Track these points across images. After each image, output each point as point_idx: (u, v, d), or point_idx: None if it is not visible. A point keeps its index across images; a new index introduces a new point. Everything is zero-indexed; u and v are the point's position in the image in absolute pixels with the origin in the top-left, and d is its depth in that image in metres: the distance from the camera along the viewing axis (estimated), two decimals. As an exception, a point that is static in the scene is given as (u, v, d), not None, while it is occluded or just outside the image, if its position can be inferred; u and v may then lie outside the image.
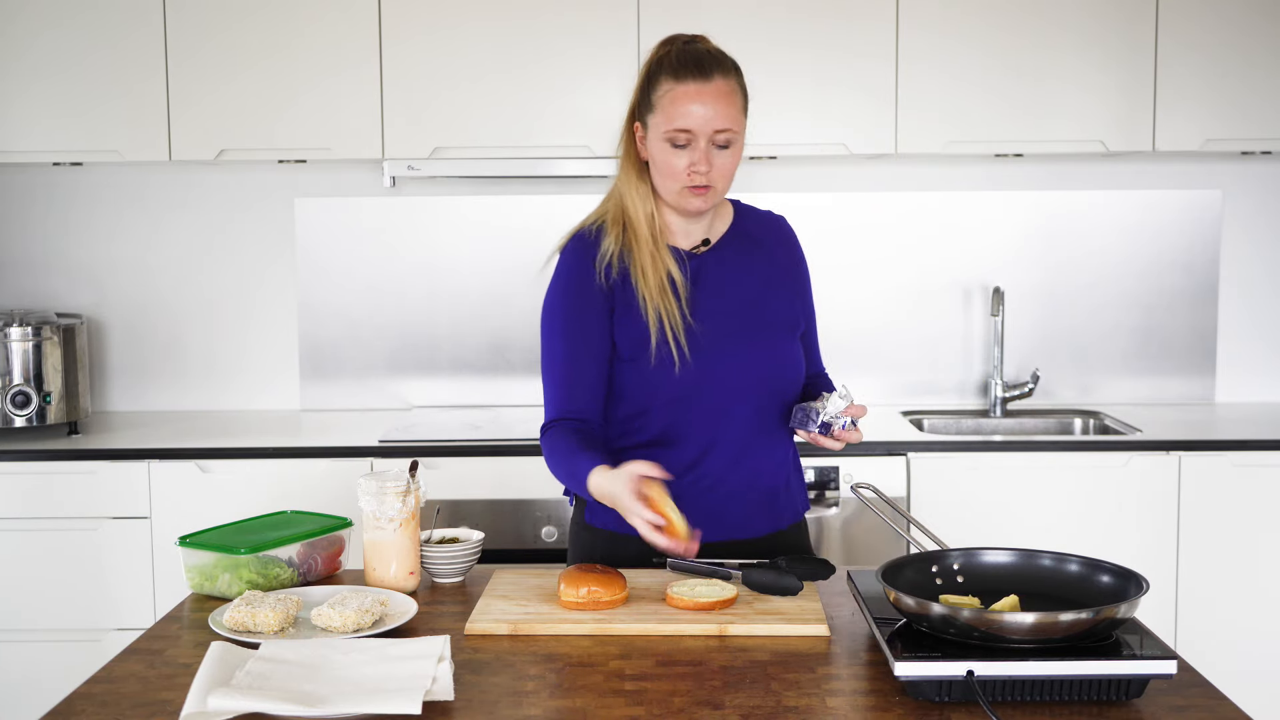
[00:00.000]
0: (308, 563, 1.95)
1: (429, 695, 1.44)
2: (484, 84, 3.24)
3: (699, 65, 1.95)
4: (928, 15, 3.23)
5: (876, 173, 3.60)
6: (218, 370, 3.65)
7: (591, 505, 2.05)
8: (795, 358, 2.08)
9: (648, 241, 1.99)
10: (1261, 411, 3.49)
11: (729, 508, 2.03)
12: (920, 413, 3.53)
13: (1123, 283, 3.60)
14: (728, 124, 1.94)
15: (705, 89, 1.93)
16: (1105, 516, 3.07)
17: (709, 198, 1.98)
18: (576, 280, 2.02)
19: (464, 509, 2.99)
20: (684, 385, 1.98)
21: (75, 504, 3.06)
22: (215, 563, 1.88)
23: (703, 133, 1.93)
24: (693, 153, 1.94)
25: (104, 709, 1.47)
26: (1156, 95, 3.25)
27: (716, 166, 1.96)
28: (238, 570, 1.86)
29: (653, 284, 1.97)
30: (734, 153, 1.98)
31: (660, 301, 1.97)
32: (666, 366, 1.96)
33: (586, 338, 2.00)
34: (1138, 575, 1.56)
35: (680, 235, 2.06)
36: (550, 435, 2.00)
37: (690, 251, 2.05)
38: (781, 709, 1.45)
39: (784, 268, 2.11)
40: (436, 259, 3.60)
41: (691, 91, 1.93)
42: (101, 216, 3.61)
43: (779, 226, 2.16)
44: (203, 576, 1.89)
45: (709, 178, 1.95)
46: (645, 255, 1.99)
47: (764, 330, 2.04)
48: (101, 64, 3.24)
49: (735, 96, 1.97)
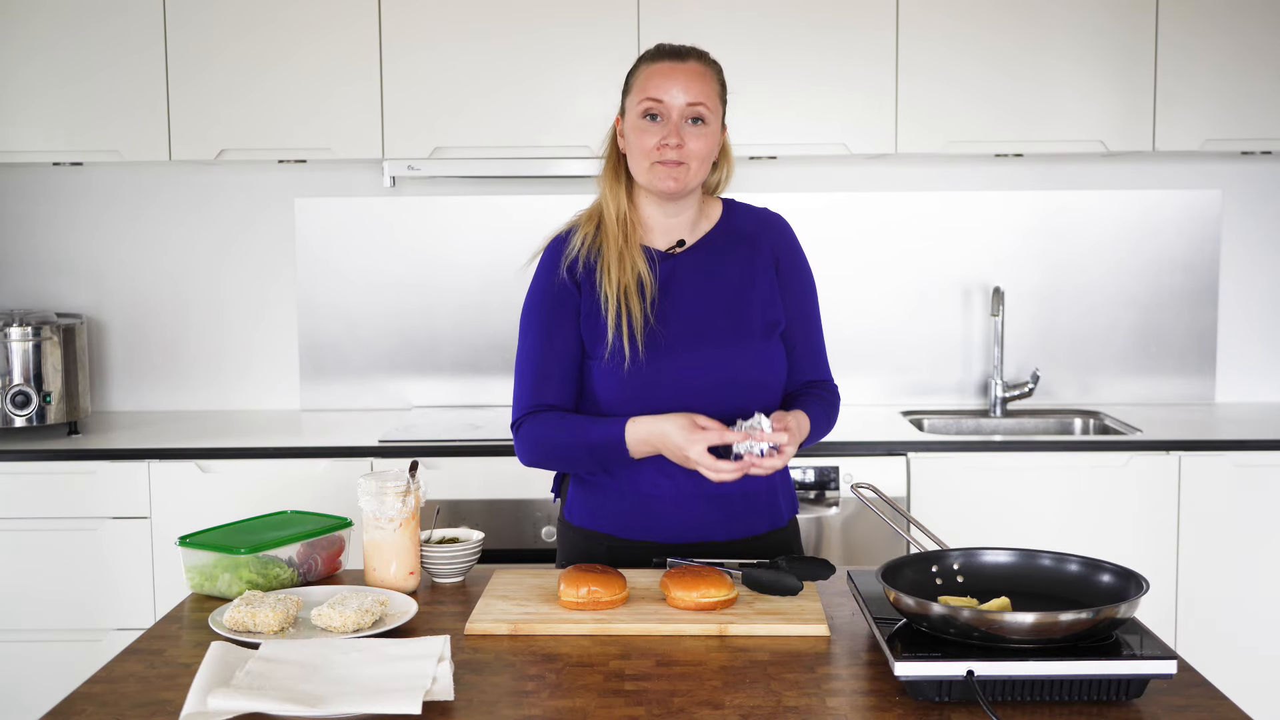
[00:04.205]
0: (308, 562, 1.95)
1: (429, 695, 1.44)
2: (484, 84, 3.24)
3: (675, 50, 2.03)
4: (928, 15, 3.23)
5: (876, 173, 3.60)
6: (218, 370, 3.65)
7: (569, 503, 2.10)
8: (770, 359, 2.03)
9: (617, 240, 2.01)
10: (1261, 411, 3.49)
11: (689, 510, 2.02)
12: (920, 413, 3.53)
13: (1122, 282, 3.60)
14: (700, 98, 1.97)
15: (679, 66, 2.00)
16: (1105, 517, 3.07)
17: (680, 176, 1.98)
18: (546, 280, 2.05)
19: (464, 509, 2.99)
20: (636, 385, 1.98)
21: (75, 504, 3.06)
22: (215, 563, 1.88)
23: (674, 105, 1.97)
24: (664, 126, 1.97)
25: (104, 709, 1.47)
26: (1156, 95, 3.25)
27: (689, 146, 1.97)
28: (238, 570, 1.86)
29: (615, 283, 1.99)
30: (706, 134, 1.98)
31: (621, 301, 1.98)
32: (618, 365, 1.98)
33: (553, 336, 2.02)
34: (1138, 575, 1.56)
35: (658, 235, 2.06)
36: (530, 425, 2.01)
37: (665, 252, 2.05)
38: (781, 709, 1.45)
39: (768, 268, 2.07)
40: (437, 259, 3.60)
41: (665, 68, 2.00)
42: (101, 216, 3.61)
43: (772, 225, 2.13)
44: (203, 577, 1.89)
45: (680, 154, 1.97)
46: (613, 254, 2.01)
47: (732, 331, 2.01)
48: (102, 64, 3.24)
49: (710, 80, 2.01)
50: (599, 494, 2.06)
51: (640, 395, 1.98)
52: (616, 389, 1.99)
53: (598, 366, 2.00)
